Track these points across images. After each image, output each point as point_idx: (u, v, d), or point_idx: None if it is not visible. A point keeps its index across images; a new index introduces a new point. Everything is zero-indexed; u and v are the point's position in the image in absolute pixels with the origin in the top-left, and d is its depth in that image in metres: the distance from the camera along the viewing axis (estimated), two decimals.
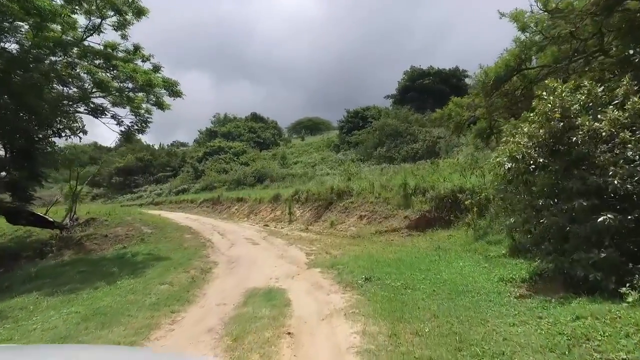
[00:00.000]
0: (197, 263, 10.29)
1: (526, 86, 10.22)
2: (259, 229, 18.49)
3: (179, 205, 33.34)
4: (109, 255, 12.13)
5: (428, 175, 18.14)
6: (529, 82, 10.04)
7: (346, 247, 12.97)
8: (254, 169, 36.48)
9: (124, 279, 8.81)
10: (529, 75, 10.05)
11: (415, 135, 35.40)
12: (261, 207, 24.38)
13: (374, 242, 13.96)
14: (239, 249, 12.79)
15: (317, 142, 51.77)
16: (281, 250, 12.54)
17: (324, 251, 12.19)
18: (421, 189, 16.63)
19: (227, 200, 28.46)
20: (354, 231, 16.69)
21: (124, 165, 47.61)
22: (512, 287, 6.46)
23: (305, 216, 20.62)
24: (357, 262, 9.75)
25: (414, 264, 8.93)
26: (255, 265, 10.26)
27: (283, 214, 22.07)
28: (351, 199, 19.24)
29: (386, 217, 16.76)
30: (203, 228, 18.35)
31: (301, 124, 64.86)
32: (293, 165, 41.91)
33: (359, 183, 20.49)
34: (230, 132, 52.35)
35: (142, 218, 17.56)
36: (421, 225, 15.24)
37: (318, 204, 20.70)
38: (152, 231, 15.41)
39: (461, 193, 14.80)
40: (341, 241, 14.48)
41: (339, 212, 19.00)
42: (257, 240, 14.67)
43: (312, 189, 21.83)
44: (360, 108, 47.08)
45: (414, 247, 12.51)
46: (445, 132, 34.26)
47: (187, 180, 41.35)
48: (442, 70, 45.05)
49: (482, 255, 9.69)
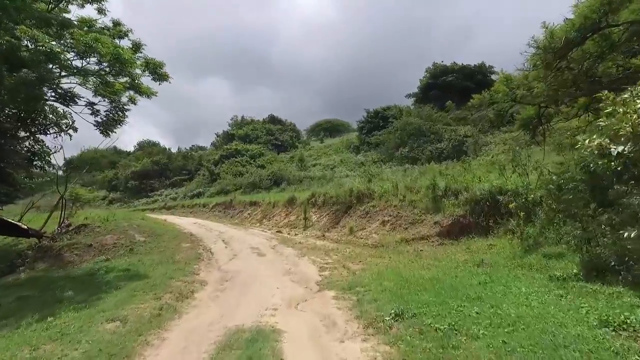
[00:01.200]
0: (177, 284, 8.26)
1: (601, 54, 7.75)
2: (269, 236, 16.45)
3: (190, 210, 31.69)
4: (79, 271, 10.24)
5: (459, 175, 15.80)
6: (609, 46, 7.56)
7: (367, 259, 10.80)
8: (270, 172, 34.61)
9: (67, 310, 6.86)
10: (611, 35, 7.55)
11: (439, 134, 32.95)
12: (275, 211, 22.36)
13: (400, 253, 11.73)
14: (240, 262, 10.77)
15: (336, 144, 49.63)
16: (290, 264, 10.44)
17: (341, 265, 10.05)
18: (452, 191, 14.36)
19: (239, 204, 26.57)
20: (375, 239, 14.47)
21: (140, 169, 46.41)
22: (632, 341, 4.12)
23: (322, 221, 18.50)
24: (382, 282, 7.58)
25: (458, 287, 6.68)
26: (253, 285, 8.19)
27: (298, 219, 20.01)
28: (372, 203, 17.04)
29: (412, 222, 14.51)
30: (207, 235, 16.44)
31: (320, 126, 62.78)
32: (311, 167, 39.92)
33: (380, 185, 18.27)
34: (248, 134, 50.70)
35: (141, 224, 15.80)
36: (454, 232, 12.97)
37: (336, 208, 18.57)
38: (146, 239, 13.58)
39: (501, 195, 12.52)
40: (361, 251, 12.30)
41: (359, 217, 16.82)
42: (264, 251, 12.61)
43: (330, 192, 19.70)
44: (381, 108, 44.79)
45: (450, 260, 10.25)
46: (473, 131, 31.81)
47: (203, 183, 39.78)
48: (466, 67, 42.32)
49: (544, 275, 7.39)
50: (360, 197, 17.84)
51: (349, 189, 18.72)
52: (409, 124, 35.01)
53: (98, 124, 12.48)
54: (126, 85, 11.49)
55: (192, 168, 46.94)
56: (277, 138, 51.67)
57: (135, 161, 50.95)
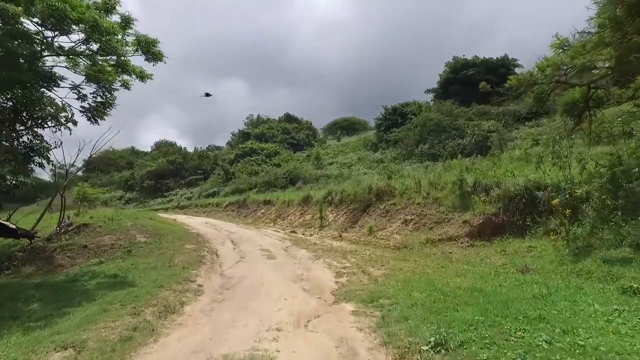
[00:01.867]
0: (165, 294, 6.91)
1: None
2: (282, 237, 15.23)
3: (204, 209, 30.73)
4: (61, 277, 9.12)
5: (489, 170, 14.33)
6: None
7: (390, 262, 9.49)
8: (285, 170, 33.47)
9: (15, 332, 5.47)
10: None
11: (461, 130, 31.30)
12: (290, 210, 21.16)
13: (426, 256, 10.39)
14: (246, 267, 9.56)
15: (354, 142, 48.21)
16: (302, 268, 9.18)
17: (361, 270, 8.75)
18: (482, 187, 12.96)
19: (253, 203, 25.44)
20: (398, 240, 13.13)
21: (156, 168, 45.78)
22: None
23: (339, 221, 17.21)
24: (411, 292, 6.27)
25: (508, 301, 5.32)
26: (257, 296, 6.92)
27: (314, 219, 18.77)
28: (393, 200, 15.69)
29: (438, 221, 13.14)
30: (215, 235, 15.31)
31: (337, 124, 61.34)
32: (328, 166, 38.66)
33: (401, 181, 16.90)
34: (264, 133, 49.65)
35: (146, 224, 14.76)
36: (486, 232, 11.58)
37: (354, 207, 17.27)
38: (147, 240, 12.49)
39: (539, 190, 11.06)
40: (382, 253, 10.98)
41: (379, 216, 15.49)
42: (275, 253, 11.39)
43: (348, 189, 18.41)
44: (399, 104, 43.20)
45: (486, 265, 8.89)
46: (497, 125, 30.10)
47: (218, 183, 38.84)
48: (488, 60, 40.29)
49: (612, 285, 6.01)
50: (380, 194, 16.50)
51: (367, 186, 17.40)
52: (429, 120, 33.46)
53: (85, 110, 11.36)
54: (112, 63, 10.23)
55: (207, 167, 46.13)
56: (293, 137, 50.51)
57: (151, 161, 50.40)
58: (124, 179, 48.77)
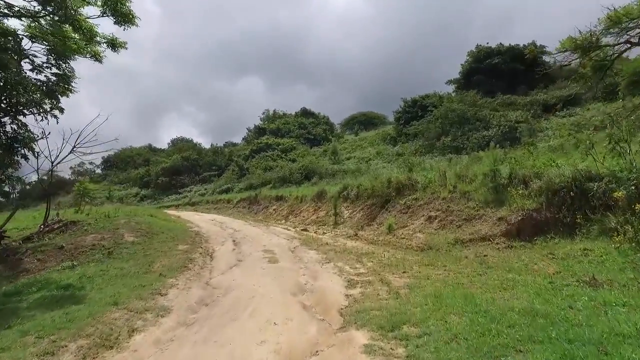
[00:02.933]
0: (116, 316, 5.26)
1: None
2: (292, 235, 13.64)
3: (215, 206, 29.41)
4: (10, 287, 7.61)
5: (525, 160, 12.45)
6: None
7: (414, 268, 7.81)
8: (301, 165, 31.86)
9: None
10: None
11: (486, 121, 29.14)
12: (302, 206, 19.55)
13: (457, 260, 8.65)
14: (240, 273, 7.97)
15: (372, 136, 46.27)
16: (308, 275, 7.57)
17: (378, 278, 7.09)
18: (520, 178, 11.11)
19: (265, 199, 23.92)
20: (421, 239, 11.38)
21: (170, 165, 44.69)
22: None
23: (355, 218, 15.52)
24: (446, 315, 4.60)
25: (594, 337, 3.56)
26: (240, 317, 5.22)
27: (328, 215, 17.12)
28: (415, 195, 13.94)
29: (468, 218, 11.36)
30: (217, 234, 13.84)
31: (354, 119, 59.22)
32: (345, 161, 36.94)
33: (424, 174, 15.09)
34: (279, 128, 48.05)
35: (143, 221, 13.40)
36: (526, 231, 9.79)
37: (371, 202, 15.56)
38: (136, 240, 11.06)
39: (592, 181, 9.18)
40: (404, 256, 9.28)
41: (400, 213, 13.75)
42: (280, 255, 9.79)
43: (365, 184, 16.68)
44: (419, 96, 41.08)
45: (534, 273, 7.10)
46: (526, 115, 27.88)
47: (232, 179, 37.48)
48: (514, 47, 37.72)
49: None
50: (400, 188, 14.74)
51: (386, 180, 15.65)
52: (451, 111, 31.37)
53: (42, 84, 9.85)
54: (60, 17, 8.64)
55: (222, 163, 44.86)
56: (309, 132, 48.77)
57: (166, 157, 49.43)
58: (140, 176, 47.98)
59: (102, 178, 61.45)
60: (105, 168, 64.02)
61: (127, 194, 46.45)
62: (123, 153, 61.76)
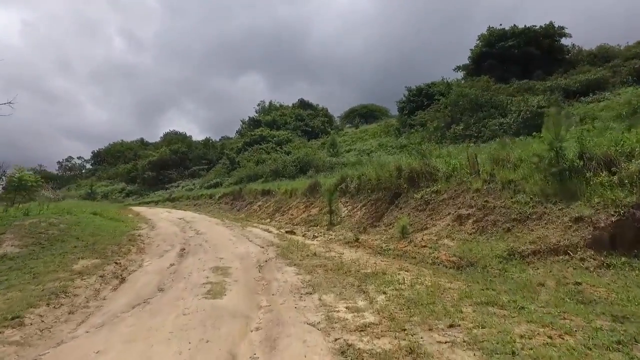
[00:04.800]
0: None
1: None
2: (270, 240, 9.99)
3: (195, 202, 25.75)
4: None
5: (600, 134, 8.83)
6: None
7: (464, 311, 4.18)
8: (295, 158, 28.18)
9: None
10: None
11: (503, 107, 25.42)
12: (292, 202, 15.89)
13: (528, 290, 5.02)
14: (121, 334, 4.11)
15: (373, 128, 42.53)
16: (262, 334, 3.82)
17: (406, 346, 3.30)
18: (600, 161, 7.45)
19: (250, 194, 20.24)
20: (452, 248, 7.73)
21: (158, 158, 40.78)
22: None
23: (356, 216, 11.90)
24: None
25: None
26: None
27: (322, 213, 13.46)
28: (435, 187, 10.34)
29: (520, 219, 7.75)
30: (169, 239, 10.26)
31: (354, 111, 55.17)
32: (345, 153, 33.29)
33: (446, 159, 11.45)
34: (275, 120, 44.19)
35: (69, 221, 9.89)
36: (626, 239, 6.13)
37: (377, 197, 11.93)
38: (19, 251, 7.37)
39: None
40: (436, 280, 5.65)
41: (415, 210, 10.15)
42: (237, 277, 6.16)
43: (368, 174, 12.97)
44: (424, 84, 37.37)
45: None
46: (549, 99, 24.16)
47: (222, 173, 33.67)
48: (530, 29, 33.80)
49: None
50: (414, 178, 11.10)
51: (395, 169, 11.98)
52: (463, 97, 27.62)
53: None
54: None
55: (213, 157, 41.03)
56: (307, 124, 44.90)
57: (154, 150, 45.57)
58: (127, 171, 44.20)
59: (91, 173, 57.76)
60: (95, 163, 60.30)
61: (113, 189, 42.78)
62: (113, 148, 58.06)
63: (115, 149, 57.09)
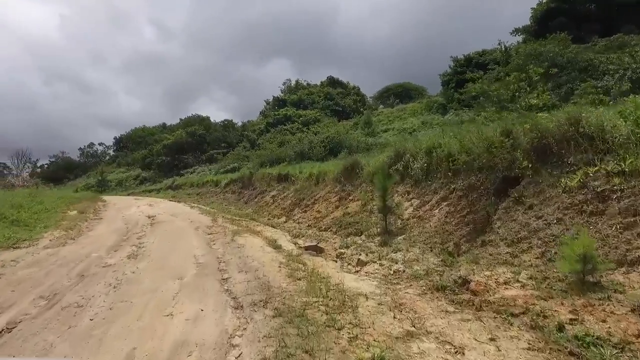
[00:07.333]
0: None
1: None
2: (267, 282, 4.57)
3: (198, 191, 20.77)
4: None
5: None
6: None
7: None
8: (325, 137, 22.75)
9: None
10: None
11: (594, 68, 19.08)
12: (319, 192, 10.53)
13: None
14: None
15: (412, 106, 36.51)
16: None
17: None
18: None
19: (261, 180, 14.98)
20: None
21: (173, 141, 36.06)
22: None
23: (433, 220, 6.34)
24: None
25: None
26: None
27: (365, 210, 7.99)
28: (613, 164, 4.52)
29: None
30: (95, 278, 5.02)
31: (389, 90, 48.84)
32: (382, 133, 27.68)
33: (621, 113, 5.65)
34: (302, 99, 38.74)
35: None
36: None
37: (468, 183, 6.30)
38: None
39: None
40: None
41: (574, 211, 4.41)
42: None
43: (446, 144, 7.37)
44: (474, 53, 31.14)
45: None
46: None
47: (241, 157, 28.59)
48: None
49: None
50: (548, 149, 5.43)
51: (501, 132, 6.38)
52: (535, 57, 21.26)
53: None
54: None
55: (233, 140, 36.06)
56: (337, 103, 39.18)
57: (169, 133, 40.98)
58: (142, 157, 39.92)
59: (112, 160, 54.19)
60: (117, 149, 56.71)
61: (128, 176, 38.66)
62: (135, 133, 54.15)
63: (137, 134, 53.14)
